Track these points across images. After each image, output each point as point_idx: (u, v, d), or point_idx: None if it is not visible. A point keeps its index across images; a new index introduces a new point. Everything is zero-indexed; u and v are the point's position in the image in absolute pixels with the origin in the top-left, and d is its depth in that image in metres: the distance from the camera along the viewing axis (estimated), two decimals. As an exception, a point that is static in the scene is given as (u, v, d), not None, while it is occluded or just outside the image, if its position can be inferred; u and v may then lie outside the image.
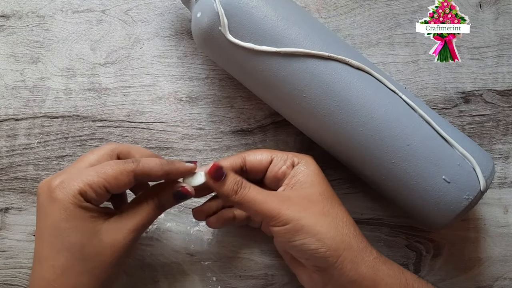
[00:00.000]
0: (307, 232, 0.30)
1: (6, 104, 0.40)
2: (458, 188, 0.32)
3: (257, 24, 0.32)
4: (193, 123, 0.41)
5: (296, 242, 0.30)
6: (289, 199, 0.31)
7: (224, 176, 0.31)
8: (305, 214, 0.30)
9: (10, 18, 0.42)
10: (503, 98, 0.41)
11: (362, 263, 0.30)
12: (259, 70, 0.34)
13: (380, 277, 0.30)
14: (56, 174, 0.30)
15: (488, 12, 0.42)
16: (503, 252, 0.40)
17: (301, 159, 0.34)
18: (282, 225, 0.30)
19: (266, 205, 0.30)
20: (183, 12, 0.42)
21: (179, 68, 0.41)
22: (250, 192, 0.31)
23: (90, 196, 0.28)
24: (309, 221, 0.30)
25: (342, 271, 0.30)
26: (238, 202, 0.31)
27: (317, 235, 0.30)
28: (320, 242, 0.30)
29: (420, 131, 0.33)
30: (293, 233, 0.30)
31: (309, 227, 0.30)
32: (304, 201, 0.31)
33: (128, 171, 0.29)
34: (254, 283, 0.38)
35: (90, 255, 0.28)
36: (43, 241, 0.29)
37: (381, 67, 0.41)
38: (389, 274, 0.30)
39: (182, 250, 0.39)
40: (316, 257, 0.30)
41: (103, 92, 0.41)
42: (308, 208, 0.31)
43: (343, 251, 0.30)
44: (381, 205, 0.40)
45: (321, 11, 0.42)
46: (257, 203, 0.30)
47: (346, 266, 0.30)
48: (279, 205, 0.30)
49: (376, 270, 0.30)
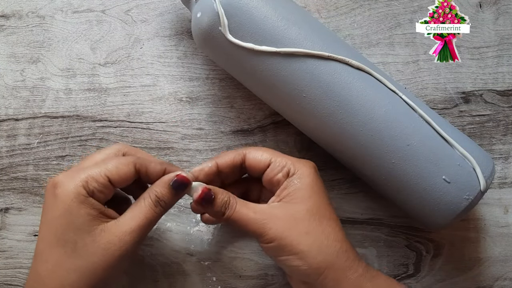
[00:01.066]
0: (289, 251, 0.30)
1: (6, 104, 0.40)
2: (458, 188, 0.32)
3: (257, 24, 0.32)
4: (193, 123, 0.41)
5: (280, 258, 0.31)
6: (275, 216, 0.31)
7: (213, 198, 0.31)
8: (289, 233, 0.31)
9: (10, 18, 0.42)
10: (503, 98, 0.41)
11: (345, 281, 0.30)
12: (259, 70, 0.34)
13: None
14: (61, 173, 0.30)
15: (488, 12, 0.42)
16: (503, 252, 0.40)
17: (298, 169, 0.32)
18: (267, 243, 0.31)
19: (252, 224, 0.31)
20: (183, 12, 0.42)
21: (179, 68, 0.41)
22: (236, 212, 0.31)
23: (93, 187, 0.28)
24: (292, 241, 0.30)
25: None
26: (226, 221, 0.31)
27: (298, 253, 0.30)
28: (301, 261, 0.30)
29: (420, 131, 0.33)
30: (278, 251, 0.31)
31: (292, 247, 0.30)
32: (290, 219, 0.31)
33: (128, 161, 0.30)
34: (254, 283, 0.38)
35: (82, 254, 0.28)
36: (41, 237, 0.29)
37: (381, 67, 0.41)
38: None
39: (182, 250, 0.39)
40: (299, 274, 0.31)
41: (103, 92, 0.41)
42: (292, 227, 0.31)
43: (325, 270, 0.30)
44: (381, 205, 0.40)
45: (321, 11, 0.42)
46: (243, 222, 0.31)
47: (327, 284, 0.30)
48: (263, 224, 0.31)
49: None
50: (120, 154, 0.32)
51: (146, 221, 0.29)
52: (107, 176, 0.29)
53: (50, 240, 0.28)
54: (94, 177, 0.29)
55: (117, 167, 0.29)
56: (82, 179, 0.28)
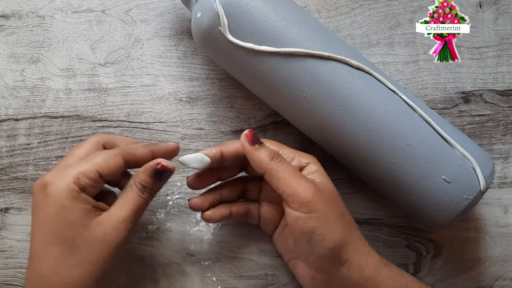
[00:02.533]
0: (329, 228, 0.30)
1: (6, 104, 0.40)
2: (458, 188, 0.32)
3: (257, 24, 0.32)
4: (193, 123, 0.41)
5: (315, 236, 0.29)
6: (319, 188, 0.31)
7: (260, 144, 0.31)
8: (331, 209, 0.30)
9: (10, 18, 0.42)
10: (503, 98, 0.41)
11: (366, 266, 0.30)
12: (259, 70, 0.34)
13: (382, 279, 0.30)
14: (48, 172, 0.30)
15: (488, 12, 0.42)
16: (503, 252, 0.40)
17: (309, 160, 0.33)
18: (308, 212, 0.29)
19: (300, 185, 0.30)
20: (183, 12, 0.42)
21: (179, 68, 0.41)
22: (286, 166, 0.31)
23: (85, 183, 0.29)
24: (333, 218, 0.30)
25: (348, 273, 0.30)
26: (272, 169, 0.30)
27: (335, 233, 0.30)
28: (335, 242, 0.30)
29: (420, 131, 0.33)
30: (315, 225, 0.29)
31: (331, 225, 0.30)
32: (329, 196, 0.31)
33: (115, 154, 0.31)
34: (254, 283, 0.38)
35: (80, 248, 0.28)
36: (36, 237, 0.29)
37: (381, 67, 0.41)
38: (390, 276, 0.31)
39: (182, 250, 0.39)
40: (326, 257, 0.30)
41: (103, 92, 0.41)
42: (332, 204, 0.31)
43: (352, 254, 0.30)
44: (381, 205, 0.40)
45: (321, 11, 0.42)
46: (292, 179, 0.30)
47: (352, 269, 0.30)
48: (313, 190, 0.30)
49: (379, 273, 0.30)
50: (100, 145, 0.33)
51: (136, 208, 0.30)
52: (97, 171, 0.29)
53: (46, 240, 0.29)
54: (85, 173, 0.29)
55: (106, 161, 0.30)
56: (73, 175, 0.29)
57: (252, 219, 0.36)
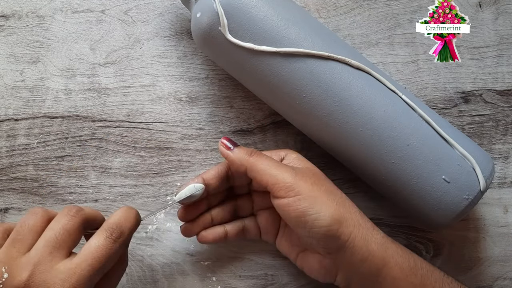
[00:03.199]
0: (320, 205, 0.30)
1: (6, 104, 0.40)
2: (458, 188, 0.32)
3: (257, 24, 0.32)
4: (193, 123, 0.41)
5: (309, 217, 0.30)
6: (301, 171, 0.31)
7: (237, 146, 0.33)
8: (317, 188, 0.31)
9: (9, 18, 0.42)
10: (503, 98, 0.41)
11: (372, 240, 0.30)
12: (259, 70, 0.34)
13: (389, 254, 0.30)
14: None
15: (488, 12, 0.42)
16: (503, 252, 0.40)
17: (287, 152, 0.35)
18: (295, 195, 0.30)
19: (281, 172, 0.31)
20: (183, 12, 0.42)
21: (179, 68, 0.41)
22: (265, 158, 0.32)
23: None
24: (321, 196, 0.30)
25: (353, 249, 0.30)
26: (252, 163, 0.31)
27: (328, 210, 0.30)
28: (331, 219, 0.29)
29: (420, 131, 0.33)
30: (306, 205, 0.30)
31: (322, 202, 0.30)
32: (313, 177, 0.32)
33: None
34: (254, 283, 0.38)
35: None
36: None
37: (380, 67, 0.41)
38: (398, 252, 0.30)
39: (182, 250, 0.39)
40: (328, 235, 0.30)
41: (103, 92, 0.41)
42: (318, 184, 0.31)
43: (354, 228, 0.30)
44: (381, 205, 0.40)
45: (321, 11, 0.42)
46: (272, 168, 0.31)
47: (357, 244, 0.30)
48: (293, 174, 0.31)
49: (386, 248, 0.30)
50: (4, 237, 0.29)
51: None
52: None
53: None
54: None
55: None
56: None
57: (251, 234, 0.36)
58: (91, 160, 0.40)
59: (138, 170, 0.40)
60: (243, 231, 0.36)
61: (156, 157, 0.40)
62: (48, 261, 0.27)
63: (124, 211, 0.30)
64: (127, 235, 0.29)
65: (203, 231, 0.35)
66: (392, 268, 0.30)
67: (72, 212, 0.29)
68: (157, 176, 0.40)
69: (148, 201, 0.39)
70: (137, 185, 0.39)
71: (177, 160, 0.40)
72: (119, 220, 0.29)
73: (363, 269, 0.30)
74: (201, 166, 0.40)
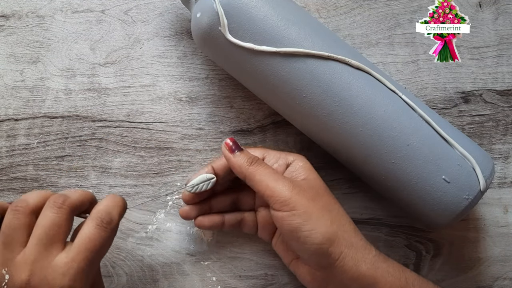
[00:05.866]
0: (314, 223, 0.30)
1: (6, 104, 0.40)
2: (458, 188, 0.32)
3: (257, 24, 0.32)
4: (193, 123, 0.41)
5: (302, 233, 0.30)
6: (299, 185, 0.31)
7: (240, 151, 0.32)
8: (314, 204, 0.30)
9: (10, 18, 0.42)
10: (502, 98, 0.41)
11: (362, 261, 0.30)
12: (259, 70, 0.34)
13: (380, 274, 0.30)
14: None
15: (488, 12, 0.42)
16: (503, 252, 0.40)
17: (295, 157, 0.34)
18: (289, 210, 0.30)
19: (278, 185, 0.31)
20: (183, 12, 0.42)
21: (179, 68, 0.41)
22: (264, 168, 0.32)
23: None
24: (316, 213, 0.30)
25: (343, 268, 0.30)
26: (251, 173, 0.31)
27: (321, 228, 0.30)
28: (323, 238, 0.30)
29: (420, 131, 0.33)
30: (300, 222, 0.30)
31: (317, 219, 0.30)
32: (312, 191, 0.31)
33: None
34: (254, 283, 0.38)
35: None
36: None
37: (380, 67, 0.41)
38: (389, 271, 0.31)
39: (182, 250, 0.39)
40: (318, 253, 0.30)
41: (103, 92, 0.41)
42: (315, 199, 0.31)
43: (345, 248, 0.30)
44: (381, 205, 0.40)
45: (321, 11, 0.42)
46: (270, 180, 0.31)
47: (347, 264, 0.30)
48: (290, 188, 0.30)
49: (376, 268, 0.30)
50: None
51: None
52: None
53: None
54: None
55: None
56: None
57: (248, 228, 0.36)
58: (91, 160, 0.40)
59: (138, 170, 0.40)
60: (241, 224, 0.36)
61: (156, 157, 0.40)
62: (45, 257, 0.27)
63: (110, 198, 0.31)
64: (117, 221, 0.30)
65: (200, 216, 0.35)
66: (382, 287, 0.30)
67: (58, 203, 0.29)
68: (157, 176, 0.40)
69: (148, 201, 0.39)
70: (137, 185, 0.40)
71: (177, 160, 0.40)
72: (107, 207, 0.30)
73: (353, 287, 0.30)
74: (201, 166, 0.40)
